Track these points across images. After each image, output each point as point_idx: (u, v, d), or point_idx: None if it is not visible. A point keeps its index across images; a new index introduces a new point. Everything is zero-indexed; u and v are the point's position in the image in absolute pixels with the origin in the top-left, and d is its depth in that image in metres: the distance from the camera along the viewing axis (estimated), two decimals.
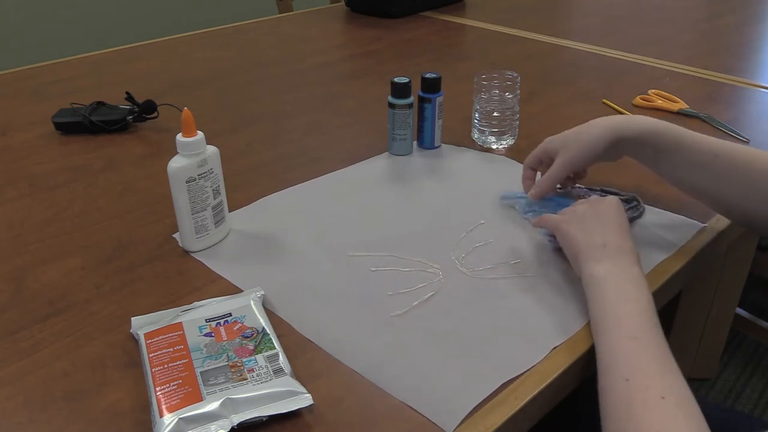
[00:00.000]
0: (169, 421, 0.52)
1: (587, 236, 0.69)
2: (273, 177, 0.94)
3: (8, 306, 0.69)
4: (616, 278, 0.64)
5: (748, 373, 1.66)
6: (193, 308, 0.65)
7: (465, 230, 0.81)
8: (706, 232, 0.81)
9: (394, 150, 1.00)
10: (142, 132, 1.09)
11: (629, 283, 0.63)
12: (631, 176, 0.93)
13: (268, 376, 0.56)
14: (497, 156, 1.00)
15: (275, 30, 1.67)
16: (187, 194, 0.73)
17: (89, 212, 0.85)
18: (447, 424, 0.54)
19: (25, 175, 0.95)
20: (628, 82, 1.30)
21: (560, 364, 0.61)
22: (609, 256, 0.66)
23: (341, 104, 1.20)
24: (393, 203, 0.87)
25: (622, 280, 0.63)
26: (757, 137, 1.05)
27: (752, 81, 1.29)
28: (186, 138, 0.72)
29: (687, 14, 1.84)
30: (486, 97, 0.99)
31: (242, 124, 1.12)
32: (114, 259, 0.76)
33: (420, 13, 1.81)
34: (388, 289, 0.70)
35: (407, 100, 0.95)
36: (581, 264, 0.67)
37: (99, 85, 1.28)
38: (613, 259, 0.65)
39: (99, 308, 0.68)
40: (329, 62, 1.44)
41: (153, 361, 0.58)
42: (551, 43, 1.56)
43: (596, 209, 0.72)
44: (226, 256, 0.76)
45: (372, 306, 0.68)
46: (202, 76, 1.34)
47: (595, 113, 1.14)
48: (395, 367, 0.60)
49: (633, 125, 0.77)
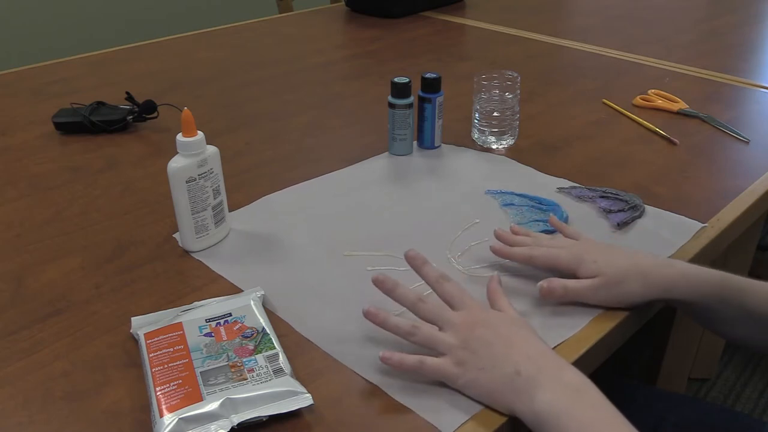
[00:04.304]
0: (169, 421, 0.52)
1: (496, 374, 0.55)
2: (273, 177, 0.94)
3: (8, 306, 0.69)
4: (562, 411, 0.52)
5: (748, 373, 1.66)
6: (193, 308, 0.65)
7: (461, 229, 0.81)
8: (706, 232, 0.81)
9: (394, 150, 1.00)
10: (142, 132, 1.09)
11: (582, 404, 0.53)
12: (631, 176, 0.94)
13: (268, 376, 0.56)
14: (497, 156, 1.00)
15: (275, 30, 1.67)
16: (187, 194, 0.73)
17: (89, 212, 0.85)
18: (446, 424, 0.54)
19: (25, 175, 0.95)
20: (628, 82, 1.30)
21: None
22: (534, 383, 0.54)
23: (341, 104, 1.20)
24: (393, 203, 0.87)
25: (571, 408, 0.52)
26: (757, 137, 1.05)
27: (752, 81, 1.29)
28: (186, 138, 0.71)
29: (687, 14, 1.84)
30: (486, 97, 0.99)
31: (242, 124, 1.12)
32: (114, 259, 0.76)
33: (420, 13, 1.81)
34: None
35: (407, 100, 0.95)
36: (507, 406, 0.55)
37: (99, 85, 1.28)
38: (538, 382, 0.54)
39: (99, 308, 0.68)
40: (329, 62, 1.44)
41: (153, 361, 0.58)
42: (551, 43, 1.56)
43: (475, 331, 0.58)
44: (226, 256, 0.76)
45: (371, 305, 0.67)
46: (202, 76, 1.34)
47: (595, 113, 1.15)
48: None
49: (689, 286, 0.64)
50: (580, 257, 0.68)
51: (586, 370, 0.64)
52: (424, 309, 0.61)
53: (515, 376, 0.55)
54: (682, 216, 0.83)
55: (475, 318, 0.60)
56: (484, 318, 0.60)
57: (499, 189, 0.89)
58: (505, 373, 0.55)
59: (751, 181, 0.92)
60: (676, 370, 1.35)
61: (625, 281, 0.65)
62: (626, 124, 1.11)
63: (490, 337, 0.58)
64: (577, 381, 0.54)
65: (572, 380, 0.54)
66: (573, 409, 0.52)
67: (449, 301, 0.62)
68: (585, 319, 0.66)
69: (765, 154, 1.00)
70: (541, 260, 0.70)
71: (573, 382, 0.54)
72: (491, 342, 0.57)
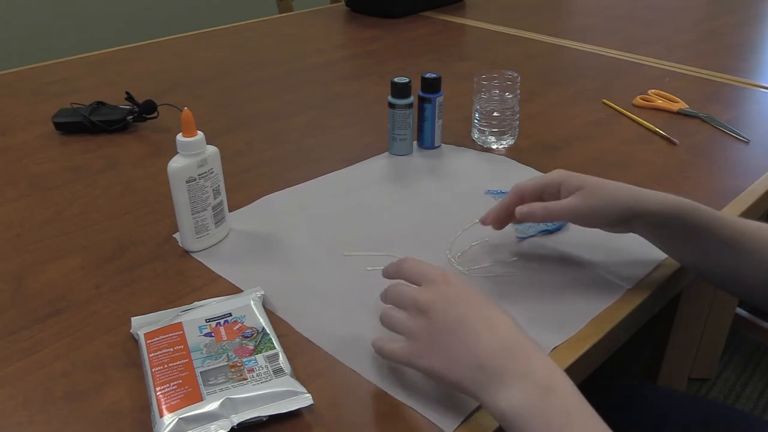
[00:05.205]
0: (169, 421, 0.52)
1: (455, 364, 0.52)
2: (273, 177, 0.94)
3: (8, 306, 0.69)
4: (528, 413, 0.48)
5: (748, 373, 1.66)
6: (193, 308, 0.65)
7: (461, 229, 0.81)
8: None
9: (394, 150, 1.00)
10: (142, 132, 1.09)
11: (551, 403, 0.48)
12: (631, 176, 0.93)
13: (268, 376, 0.56)
14: (497, 156, 1.00)
15: (275, 30, 1.67)
16: (187, 194, 0.73)
17: (89, 212, 0.85)
18: (447, 424, 0.54)
19: (25, 175, 0.95)
20: (628, 82, 1.30)
21: (560, 364, 0.61)
22: (499, 379, 0.50)
23: (341, 104, 1.20)
24: (393, 203, 0.87)
25: (538, 410, 0.48)
26: (757, 137, 1.05)
27: (752, 81, 1.29)
28: (186, 138, 0.71)
29: (687, 14, 1.84)
30: (486, 97, 0.99)
31: (242, 124, 1.12)
32: (114, 259, 0.76)
33: (420, 13, 1.81)
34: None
35: (407, 100, 0.95)
36: (473, 397, 0.52)
37: (99, 85, 1.28)
38: (504, 378, 0.50)
39: (99, 308, 0.68)
40: (329, 62, 1.44)
41: (153, 361, 0.58)
42: (551, 43, 1.56)
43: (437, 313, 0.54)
44: (226, 256, 0.76)
45: (371, 306, 0.68)
46: (202, 76, 1.34)
47: (595, 113, 1.15)
48: (395, 367, 0.60)
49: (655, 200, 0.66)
50: (565, 172, 0.70)
51: (586, 371, 0.64)
52: (390, 294, 0.59)
53: (478, 370, 0.50)
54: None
55: (437, 295, 0.55)
56: (446, 294, 0.55)
57: (499, 189, 0.89)
58: (467, 366, 0.51)
59: (751, 181, 0.92)
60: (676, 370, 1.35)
61: (606, 188, 0.67)
62: (626, 124, 1.11)
63: (452, 322, 0.53)
64: (546, 377, 0.50)
65: (541, 377, 0.49)
66: (540, 412, 0.48)
67: (412, 279, 0.58)
68: (585, 319, 0.66)
69: (765, 154, 1.00)
70: (530, 185, 0.71)
71: (542, 380, 0.49)
72: (453, 328, 0.53)
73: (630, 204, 0.66)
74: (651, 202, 0.66)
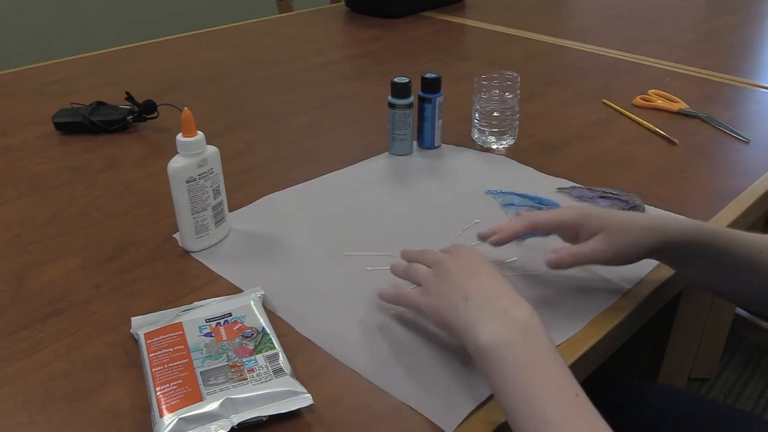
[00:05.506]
0: (169, 421, 0.52)
1: (446, 299, 0.57)
2: (273, 177, 0.94)
3: (8, 306, 0.69)
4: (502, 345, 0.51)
5: (748, 373, 1.66)
6: (193, 308, 0.65)
7: (461, 229, 0.81)
8: None
9: (394, 150, 1.00)
10: (142, 132, 1.09)
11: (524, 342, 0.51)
12: (631, 176, 0.94)
13: (268, 376, 0.56)
14: (497, 156, 1.00)
15: (275, 30, 1.67)
16: (187, 194, 0.73)
17: (89, 212, 0.85)
18: (447, 424, 0.54)
19: (25, 175, 0.95)
20: (628, 82, 1.30)
21: None
22: (479, 312, 0.54)
23: (341, 104, 1.20)
24: (393, 203, 0.87)
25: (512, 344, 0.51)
26: (757, 137, 1.05)
27: (752, 81, 1.29)
28: (186, 138, 0.71)
29: (687, 14, 1.84)
30: (486, 97, 0.99)
31: (242, 124, 1.12)
32: (114, 259, 0.76)
33: (420, 13, 1.81)
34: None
35: (407, 100, 0.95)
36: (458, 335, 0.56)
37: (99, 85, 1.28)
38: (485, 312, 0.54)
39: (99, 308, 0.68)
40: (329, 62, 1.44)
41: (153, 361, 0.58)
42: (551, 43, 1.56)
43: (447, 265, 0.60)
44: (226, 256, 0.76)
45: (371, 306, 0.68)
46: (202, 76, 1.34)
47: (595, 113, 1.15)
48: (395, 367, 0.60)
49: (675, 233, 0.66)
50: (583, 212, 0.67)
51: (586, 370, 0.64)
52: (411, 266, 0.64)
53: (462, 301, 0.55)
54: (682, 216, 0.83)
55: (453, 253, 0.62)
56: (460, 252, 0.61)
57: (499, 189, 0.89)
58: (455, 298, 0.56)
59: (751, 181, 0.92)
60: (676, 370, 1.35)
61: (630, 229, 0.66)
62: (626, 124, 1.11)
63: (455, 267, 0.59)
64: (525, 319, 0.53)
65: (521, 317, 0.53)
66: (514, 346, 0.51)
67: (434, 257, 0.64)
68: (585, 319, 0.66)
69: (765, 154, 1.00)
70: (545, 221, 0.69)
71: (521, 319, 0.53)
72: (455, 272, 0.59)
73: (654, 244, 0.66)
74: (671, 235, 0.65)
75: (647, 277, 0.73)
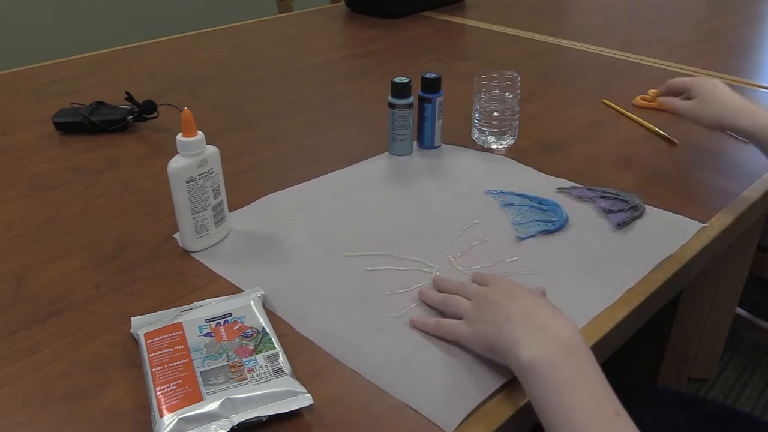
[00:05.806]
0: (169, 421, 0.52)
1: (488, 323, 0.58)
2: (273, 177, 0.94)
3: (8, 306, 0.69)
4: (544, 362, 0.51)
5: (748, 373, 1.66)
6: (193, 308, 0.65)
7: (461, 229, 0.81)
8: (706, 232, 0.81)
9: (394, 150, 1.00)
10: (142, 132, 1.09)
11: (566, 359, 0.51)
12: (631, 176, 0.94)
13: (268, 376, 0.56)
14: (497, 156, 1.00)
15: (275, 30, 1.67)
16: (187, 194, 0.73)
17: (89, 212, 0.85)
18: (447, 424, 0.54)
19: (25, 175, 0.95)
20: (628, 82, 1.30)
21: None
22: (521, 330, 0.54)
23: (341, 104, 1.20)
24: (393, 203, 0.87)
25: (553, 361, 0.51)
26: None
27: (752, 81, 1.29)
28: (186, 138, 0.71)
29: (687, 14, 1.84)
30: (486, 97, 0.99)
31: (242, 124, 1.12)
32: (114, 259, 0.76)
33: (420, 13, 1.81)
34: (386, 289, 0.70)
35: (407, 100, 0.95)
36: (503, 357, 0.56)
37: (99, 85, 1.28)
38: (526, 329, 0.54)
39: (99, 308, 0.68)
40: (329, 62, 1.44)
41: (153, 361, 0.58)
42: (551, 43, 1.56)
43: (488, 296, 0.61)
44: (226, 256, 0.76)
45: (371, 306, 0.68)
46: (202, 76, 1.34)
47: (595, 113, 1.15)
48: (395, 367, 0.60)
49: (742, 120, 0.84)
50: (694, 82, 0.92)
51: None
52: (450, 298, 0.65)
53: (504, 322, 0.56)
54: (682, 216, 0.83)
55: (492, 284, 0.63)
56: (498, 282, 0.63)
57: (499, 189, 0.89)
58: (497, 320, 0.57)
59: (751, 181, 0.92)
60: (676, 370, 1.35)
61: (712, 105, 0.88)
62: (626, 124, 1.11)
63: (495, 296, 0.60)
64: (567, 336, 0.53)
65: (562, 335, 0.53)
66: (554, 364, 0.51)
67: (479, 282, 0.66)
68: (585, 319, 0.66)
69: None
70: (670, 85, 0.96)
71: (563, 337, 0.53)
72: (496, 299, 0.60)
73: (725, 122, 0.86)
74: (739, 121, 0.84)
75: (647, 277, 0.73)
